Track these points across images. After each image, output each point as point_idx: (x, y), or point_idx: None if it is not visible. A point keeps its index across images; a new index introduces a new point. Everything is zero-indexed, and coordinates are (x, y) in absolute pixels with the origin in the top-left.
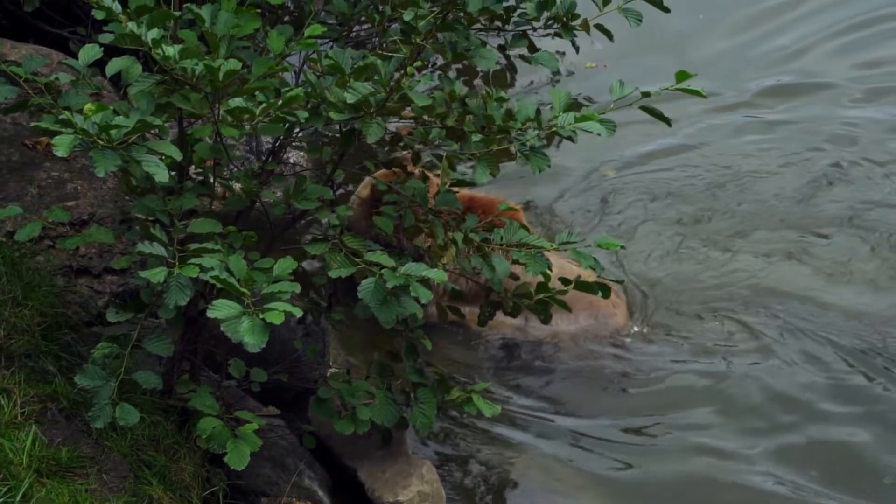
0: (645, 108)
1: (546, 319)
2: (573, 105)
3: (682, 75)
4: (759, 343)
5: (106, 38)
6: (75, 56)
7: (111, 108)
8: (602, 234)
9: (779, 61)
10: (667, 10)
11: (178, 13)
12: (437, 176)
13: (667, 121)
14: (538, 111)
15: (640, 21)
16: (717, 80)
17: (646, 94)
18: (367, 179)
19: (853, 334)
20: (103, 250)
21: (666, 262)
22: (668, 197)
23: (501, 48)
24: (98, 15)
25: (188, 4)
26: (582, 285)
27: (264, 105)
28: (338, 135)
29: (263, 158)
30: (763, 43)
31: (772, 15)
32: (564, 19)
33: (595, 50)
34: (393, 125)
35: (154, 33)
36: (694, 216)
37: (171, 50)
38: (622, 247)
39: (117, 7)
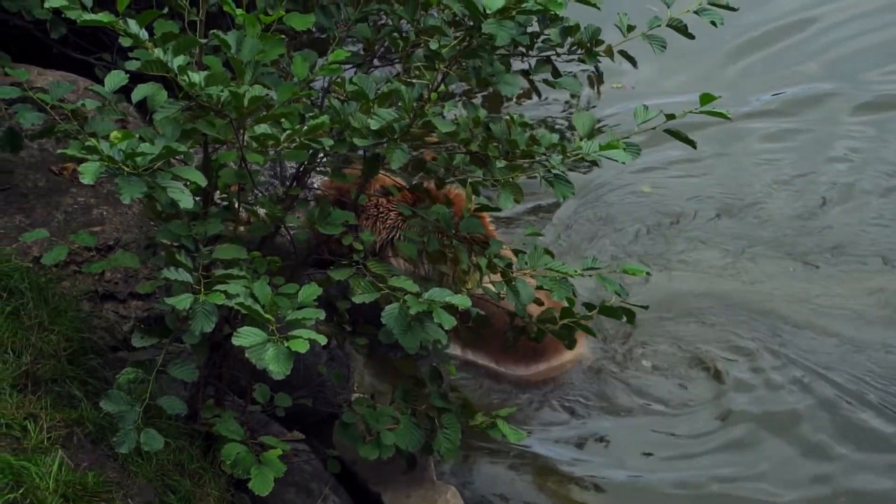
0: (670, 132)
1: (571, 345)
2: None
3: (706, 98)
4: (750, 380)
5: (132, 65)
6: (101, 82)
7: (137, 134)
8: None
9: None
10: (691, 36)
11: (203, 40)
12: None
13: (692, 143)
14: (562, 137)
15: (665, 48)
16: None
17: (670, 117)
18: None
19: (847, 365)
20: (129, 275)
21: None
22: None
23: (525, 73)
24: (125, 42)
25: (214, 31)
26: (606, 310)
27: (289, 132)
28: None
29: (287, 184)
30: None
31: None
32: (588, 45)
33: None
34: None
35: (180, 60)
36: (685, 235)
37: (197, 76)
38: (648, 273)
39: (144, 34)
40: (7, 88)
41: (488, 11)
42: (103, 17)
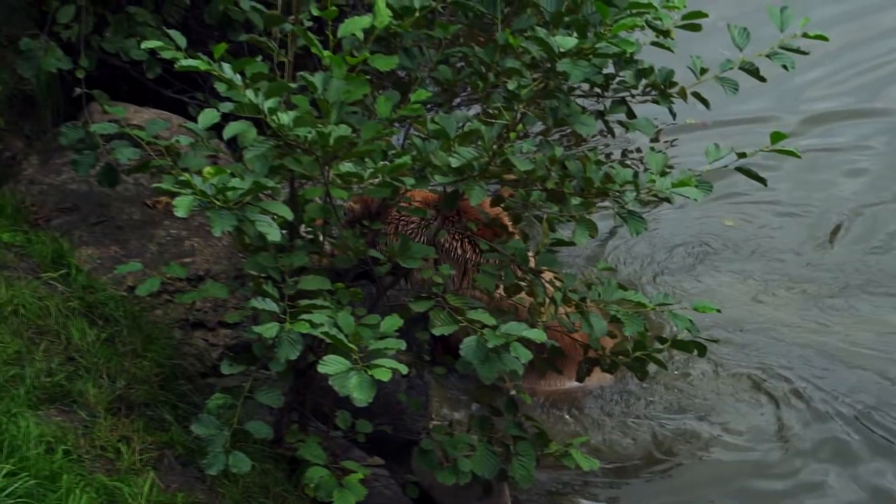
0: (741, 170)
1: (643, 376)
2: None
3: (777, 136)
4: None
5: (226, 107)
6: (194, 120)
7: (228, 170)
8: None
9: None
10: (763, 79)
11: (293, 84)
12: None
13: (763, 181)
14: (636, 174)
15: (737, 90)
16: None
17: (741, 155)
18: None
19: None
20: (218, 305)
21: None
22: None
23: (600, 114)
24: (219, 87)
25: (301, 73)
26: (678, 344)
27: (372, 169)
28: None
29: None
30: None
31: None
32: (662, 87)
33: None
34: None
35: (271, 103)
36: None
37: (286, 118)
38: (718, 310)
39: (237, 79)
40: (106, 125)
41: (562, 50)
42: (200, 63)
